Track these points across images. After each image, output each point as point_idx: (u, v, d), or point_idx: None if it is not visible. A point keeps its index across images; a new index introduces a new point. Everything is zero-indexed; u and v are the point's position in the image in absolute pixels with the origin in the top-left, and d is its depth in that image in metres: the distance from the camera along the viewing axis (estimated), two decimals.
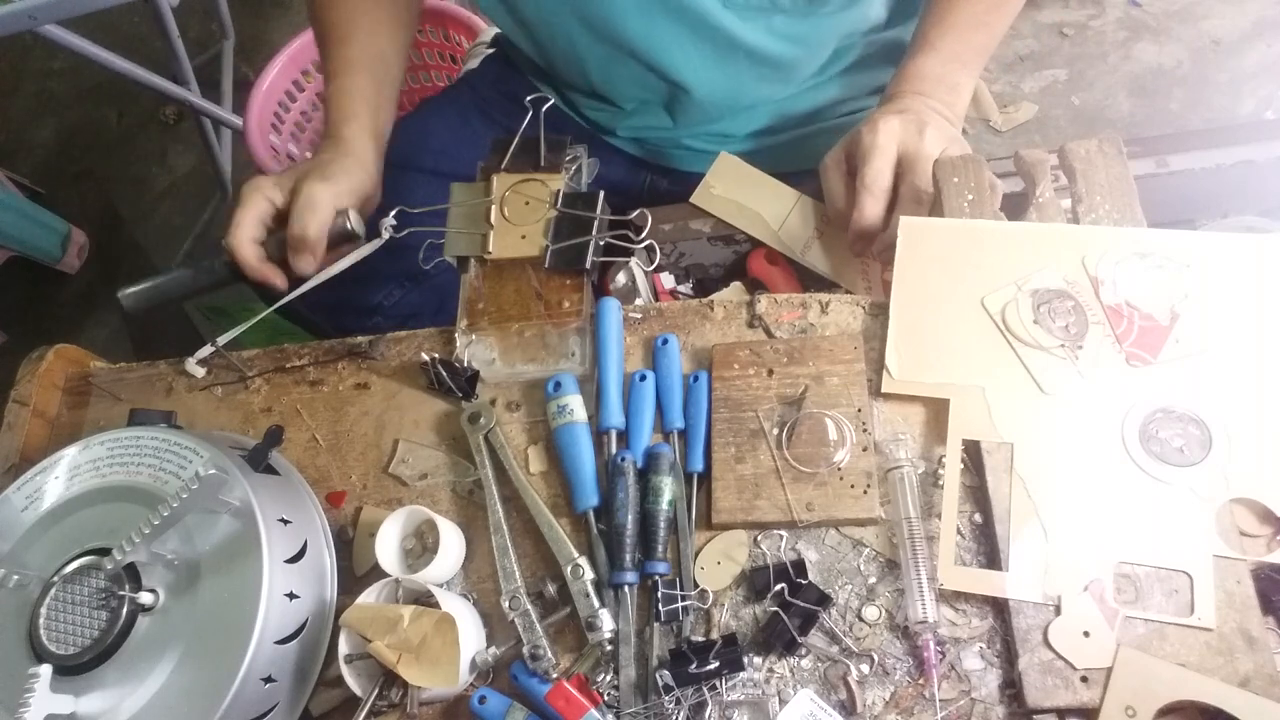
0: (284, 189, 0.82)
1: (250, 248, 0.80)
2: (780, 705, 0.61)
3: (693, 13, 0.84)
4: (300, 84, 1.74)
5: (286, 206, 0.81)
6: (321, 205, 0.79)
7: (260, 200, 0.81)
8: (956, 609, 0.63)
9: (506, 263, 0.78)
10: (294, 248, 0.80)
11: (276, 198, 0.82)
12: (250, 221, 0.80)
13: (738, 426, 0.70)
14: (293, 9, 2.52)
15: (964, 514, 0.65)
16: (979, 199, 0.74)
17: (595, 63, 0.93)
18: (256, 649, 0.61)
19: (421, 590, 0.66)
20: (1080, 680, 0.58)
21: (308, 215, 0.78)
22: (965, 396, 0.67)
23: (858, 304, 0.76)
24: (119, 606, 0.63)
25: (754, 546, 0.67)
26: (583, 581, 0.66)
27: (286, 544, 0.66)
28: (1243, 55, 1.98)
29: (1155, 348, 0.66)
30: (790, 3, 0.85)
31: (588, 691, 0.63)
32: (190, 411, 0.82)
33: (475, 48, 1.63)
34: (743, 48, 0.88)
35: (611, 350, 0.74)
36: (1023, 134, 1.99)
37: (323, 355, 0.83)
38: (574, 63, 0.94)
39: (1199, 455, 0.62)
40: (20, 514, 0.70)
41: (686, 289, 0.96)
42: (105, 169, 2.40)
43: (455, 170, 0.92)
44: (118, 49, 1.73)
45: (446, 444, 0.76)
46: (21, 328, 2.17)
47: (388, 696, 0.63)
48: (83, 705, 0.62)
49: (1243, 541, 0.60)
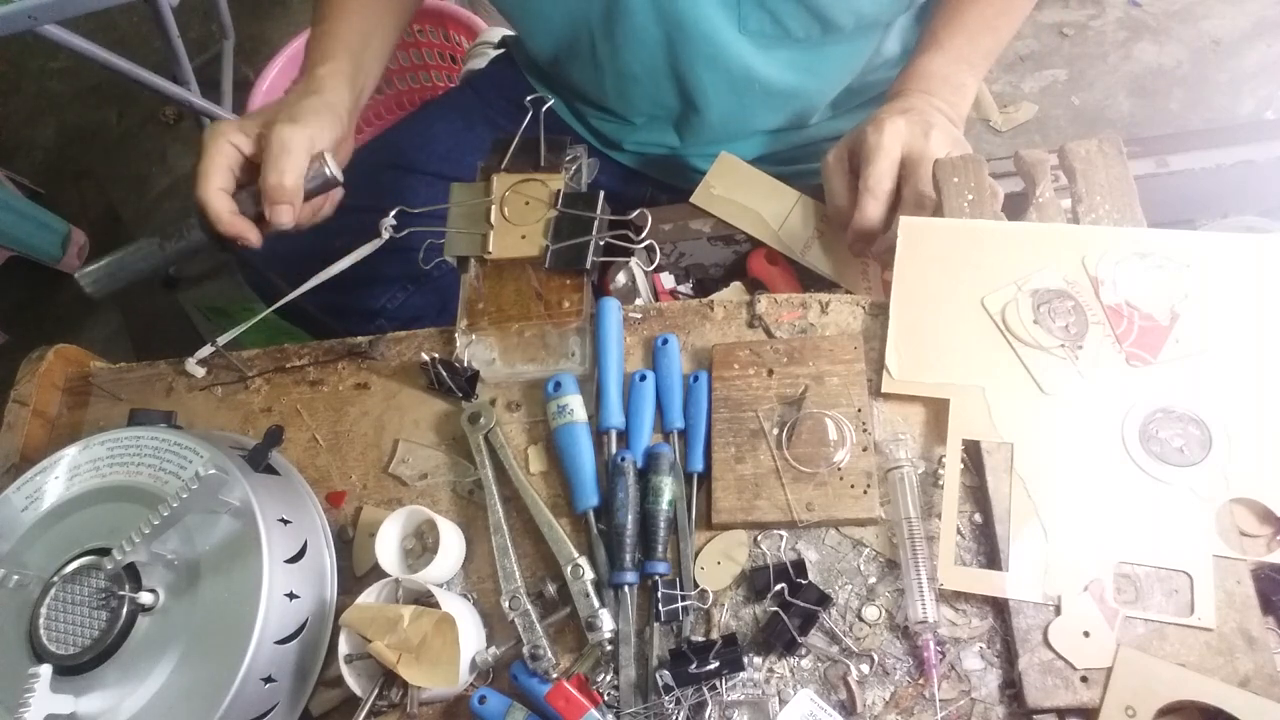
0: (250, 134, 0.75)
1: (221, 199, 0.73)
2: (780, 705, 0.61)
3: (710, 39, 0.84)
4: None
5: (255, 154, 0.75)
6: (296, 150, 0.73)
7: (225, 147, 0.74)
8: (956, 609, 0.63)
9: (506, 263, 0.78)
10: (270, 198, 0.73)
11: (244, 144, 0.75)
12: (217, 170, 0.73)
13: (738, 426, 0.70)
14: (293, 9, 2.52)
15: (964, 514, 0.65)
16: (979, 199, 0.74)
17: (612, 77, 0.93)
18: (256, 649, 0.61)
19: (421, 590, 0.66)
20: (1080, 680, 0.58)
21: (284, 161, 0.72)
22: (965, 396, 0.67)
23: (858, 304, 0.76)
24: (119, 606, 0.63)
25: (754, 546, 0.67)
26: (583, 581, 0.66)
27: (286, 544, 0.66)
28: (1243, 55, 1.98)
29: (1155, 348, 0.66)
30: (804, 32, 0.85)
31: (588, 691, 0.63)
32: (190, 411, 0.82)
33: (476, 48, 1.63)
34: (757, 77, 0.89)
35: (611, 350, 0.74)
36: (1023, 134, 1.99)
37: (323, 355, 0.83)
38: (590, 73, 0.94)
39: (1199, 455, 0.62)
40: (20, 514, 0.70)
41: (686, 289, 0.96)
42: (105, 169, 2.40)
43: (458, 174, 0.92)
44: (118, 49, 1.72)
45: (446, 444, 0.76)
46: (21, 328, 2.17)
47: (388, 696, 0.63)
48: (83, 705, 0.62)
49: (1243, 541, 0.60)
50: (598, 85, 0.95)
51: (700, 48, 0.85)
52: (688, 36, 0.84)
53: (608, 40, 0.88)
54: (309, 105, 0.77)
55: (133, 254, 0.74)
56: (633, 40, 0.86)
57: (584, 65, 0.93)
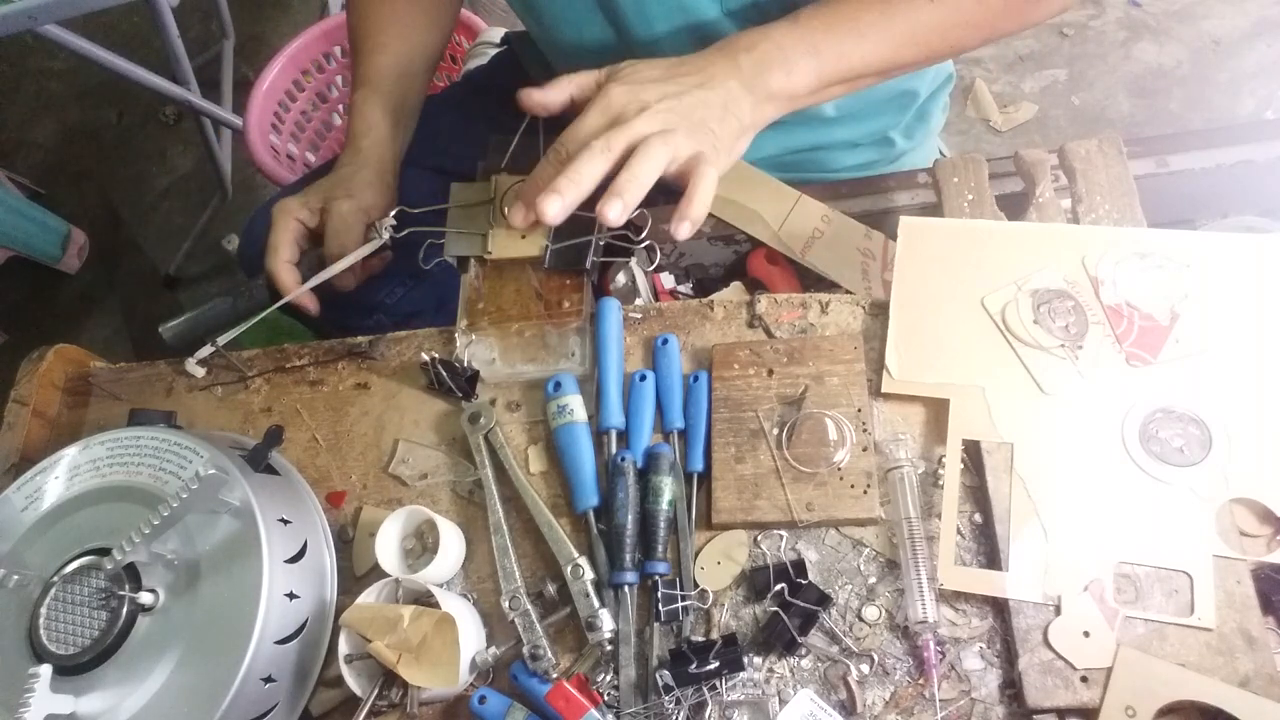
0: (313, 209, 0.85)
1: (288, 272, 0.82)
2: (780, 705, 0.61)
3: (703, 25, 0.84)
4: (300, 84, 1.74)
5: (317, 227, 0.85)
6: (354, 224, 0.82)
7: (292, 223, 0.84)
8: (956, 609, 0.63)
9: (506, 263, 0.78)
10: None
11: (307, 219, 0.85)
12: (285, 245, 0.83)
13: (738, 426, 0.70)
14: (293, 9, 2.52)
15: (964, 514, 0.65)
16: (979, 199, 0.74)
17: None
18: (256, 649, 0.61)
19: (421, 590, 0.66)
20: (1080, 680, 0.58)
21: (344, 236, 0.82)
22: (965, 396, 0.67)
23: (858, 304, 0.76)
24: (119, 606, 0.63)
25: (754, 546, 0.67)
26: (583, 581, 0.66)
27: (286, 544, 0.66)
28: (1243, 55, 1.98)
29: (1155, 348, 0.66)
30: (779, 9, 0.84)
31: (588, 691, 0.63)
32: (190, 411, 0.82)
33: (476, 47, 1.64)
34: None
35: (611, 350, 0.74)
36: (1023, 134, 1.99)
37: (323, 355, 0.83)
38: (590, 65, 0.94)
39: (1199, 455, 0.62)
40: (20, 514, 0.70)
41: (686, 289, 0.96)
42: (105, 169, 2.40)
43: (458, 168, 0.92)
44: (118, 49, 1.73)
45: (446, 444, 0.76)
46: (21, 328, 2.17)
47: (388, 696, 0.63)
48: (83, 705, 0.62)
49: (1243, 541, 0.60)
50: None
51: (693, 31, 0.84)
52: (687, 16, 0.83)
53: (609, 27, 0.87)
54: (362, 180, 0.85)
55: (207, 312, 0.84)
56: (625, 22, 0.85)
57: (586, 56, 0.93)
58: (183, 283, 2.15)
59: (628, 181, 0.64)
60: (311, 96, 1.77)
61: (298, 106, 1.75)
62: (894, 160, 1.03)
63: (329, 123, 1.84)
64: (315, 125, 1.80)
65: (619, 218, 0.64)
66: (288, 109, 1.73)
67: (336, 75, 1.79)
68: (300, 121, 1.76)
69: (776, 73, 0.69)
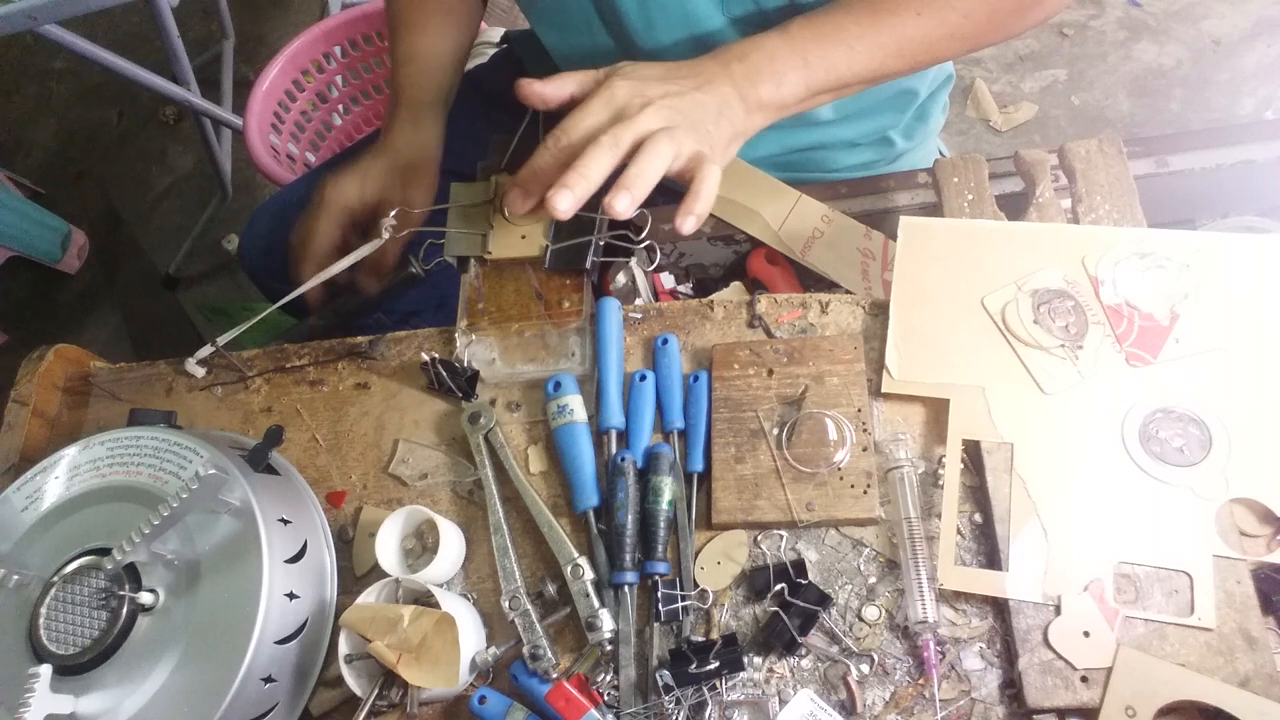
0: (366, 201, 0.88)
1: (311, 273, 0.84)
2: (780, 705, 0.61)
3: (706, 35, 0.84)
4: (300, 84, 1.74)
5: (364, 216, 0.88)
6: (392, 251, 0.86)
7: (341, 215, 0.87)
8: (956, 609, 0.63)
9: (506, 263, 0.78)
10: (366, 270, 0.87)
11: (359, 210, 0.88)
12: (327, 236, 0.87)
13: (738, 426, 0.70)
14: (293, 9, 2.52)
15: (964, 514, 0.65)
16: (979, 199, 0.74)
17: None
18: (256, 649, 0.61)
19: (421, 590, 0.66)
20: (1080, 680, 0.58)
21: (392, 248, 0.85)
22: (965, 396, 0.67)
23: (858, 304, 0.76)
24: (119, 606, 0.63)
25: (754, 546, 0.67)
26: (583, 581, 0.66)
27: (286, 544, 0.66)
28: (1243, 55, 1.98)
29: (1155, 348, 0.66)
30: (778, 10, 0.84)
31: (588, 691, 0.63)
32: (190, 411, 0.82)
33: (476, 47, 1.63)
34: None
35: (611, 350, 0.74)
36: (1023, 134, 1.99)
37: (323, 355, 0.83)
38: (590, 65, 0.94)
39: (1199, 455, 0.62)
40: (20, 514, 0.70)
41: (686, 289, 0.96)
42: (105, 169, 2.40)
43: (458, 168, 0.92)
44: (118, 49, 1.73)
45: (446, 444, 0.76)
46: (21, 328, 2.17)
47: (388, 696, 0.63)
48: (83, 705, 0.62)
49: (1243, 541, 0.60)
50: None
51: (696, 38, 0.85)
52: (688, 22, 0.83)
53: (606, 31, 0.88)
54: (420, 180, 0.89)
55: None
56: (624, 25, 0.85)
57: (586, 57, 0.93)
58: (183, 283, 2.15)
59: (635, 176, 0.64)
60: (311, 96, 1.77)
61: (298, 107, 1.74)
62: (894, 160, 1.03)
63: (329, 123, 1.83)
64: (315, 125, 1.80)
65: (627, 210, 0.64)
66: (288, 109, 1.73)
67: (336, 75, 1.79)
68: (300, 121, 1.76)
69: (767, 83, 0.71)
